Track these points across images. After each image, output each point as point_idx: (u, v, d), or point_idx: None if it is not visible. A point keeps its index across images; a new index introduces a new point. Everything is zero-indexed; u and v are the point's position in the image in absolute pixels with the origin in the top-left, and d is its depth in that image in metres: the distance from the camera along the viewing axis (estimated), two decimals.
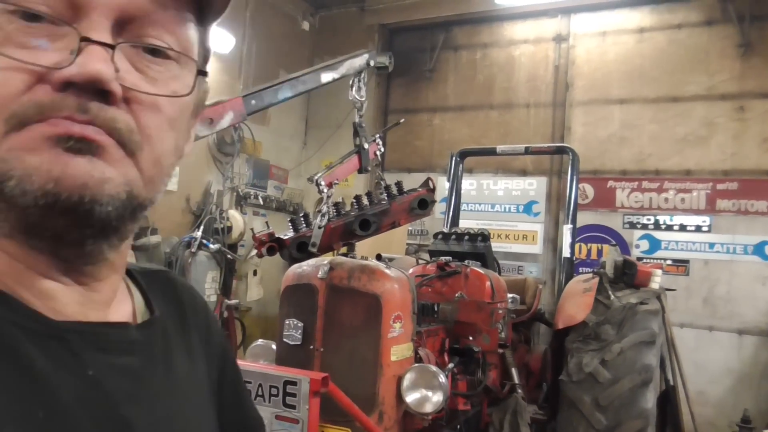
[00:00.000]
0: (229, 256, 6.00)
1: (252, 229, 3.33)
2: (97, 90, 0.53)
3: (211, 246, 5.75)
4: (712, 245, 6.64)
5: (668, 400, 4.66)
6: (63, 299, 0.60)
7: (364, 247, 4.36)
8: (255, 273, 7.13)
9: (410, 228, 7.79)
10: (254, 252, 3.22)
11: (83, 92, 0.53)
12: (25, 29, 0.53)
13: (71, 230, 0.56)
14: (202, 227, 5.92)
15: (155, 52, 0.59)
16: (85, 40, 0.54)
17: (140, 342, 0.67)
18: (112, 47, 0.55)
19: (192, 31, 0.64)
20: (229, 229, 6.33)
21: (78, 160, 0.53)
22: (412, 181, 4.16)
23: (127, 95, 0.56)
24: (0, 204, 0.54)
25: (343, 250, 3.31)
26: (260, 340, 3.26)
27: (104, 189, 0.55)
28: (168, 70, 0.60)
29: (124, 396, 0.61)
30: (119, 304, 0.68)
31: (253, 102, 2.85)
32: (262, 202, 7.75)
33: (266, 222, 3.45)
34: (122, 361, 0.63)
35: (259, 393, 2.26)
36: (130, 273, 0.74)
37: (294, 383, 2.24)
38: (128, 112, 0.57)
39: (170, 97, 0.60)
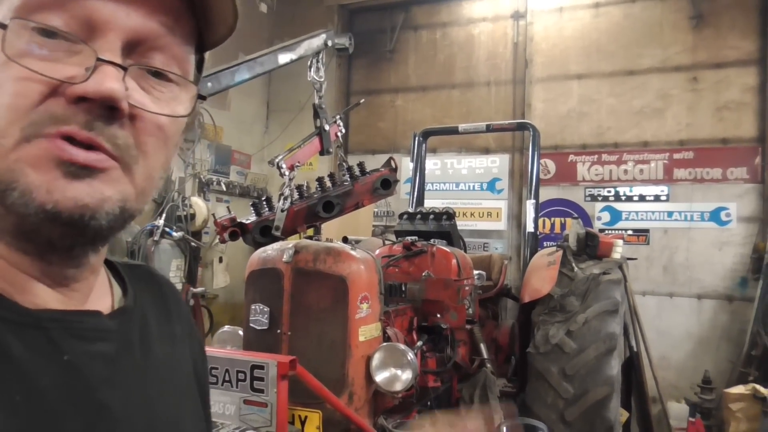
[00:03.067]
0: (193, 243, 5.90)
1: (213, 215, 3.29)
2: (106, 106, 0.58)
3: (175, 234, 5.63)
4: (670, 214, 6.81)
5: (632, 366, 4.80)
6: (43, 295, 0.63)
7: (331, 229, 4.35)
8: (221, 260, 7.04)
9: (376, 209, 7.79)
10: (218, 238, 3.18)
11: (93, 107, 0.57)
12: (42, 43, 0.57)
13: (65, 238, 0.60)
14: (164, 215, 5.80)
15: (158, 74, 0.64)
16: (100, 60, 0.58)
17: (114, 330, 0.69)
18: (125, 69, 0.59)
19: (192, 57, 0.69)
20: (193, 216, 6.22)
21: (76, 185, 0.57)
22: (377, 162, 4.14)
23: (133, 112, 0.60)
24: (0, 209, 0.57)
25: (310, 232, 3.29)
26: (227, 326, 3.24)
27: (103, 207, 0.59)
28: (170, 92, 0.65)
29: (100, 380, 0.63)
30: (98, 295, 0.71)
31: (210, 84, 2.79)
32: (225, 188, 7.65)
33: (228, 207, 3.40)
34: (97, 348, 0.65)
35: (227, 378, 2.24)
36: (113, 266, 0.77)
37: (261, 367, 2.23)
38: (130, 128, 0.61)
39: (170, 117, 0.64)
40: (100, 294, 0.71)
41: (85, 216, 0.58)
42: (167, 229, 5.59)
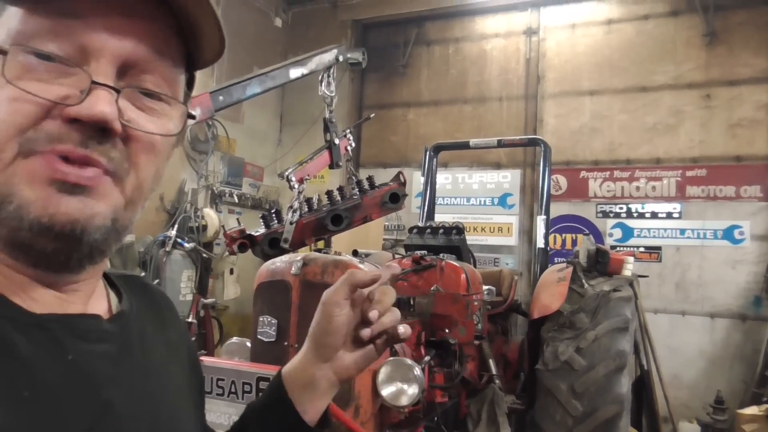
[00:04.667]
0: (204, 254, 5.94)
1: (223, 227, 3.31)
2: (98, 128, 0.61)
3: (186, 245, 5.68)
4: (683, 231, 6.76)
5: (643, 384, 4.74)
6: (44, 299, 0.65)
7: (341, 243, 4.35)
8: (231, 271, 7.07)
9: (386, 223, 7.80)
10: (228, 250, 3.20)
11: (86, 128, 0.61)
12: (38, 66, 0.61)
13: (59, 254, 0.62)
14: (176, 226, 5.85)
15: (150, 94, 0.68)
16: (95, 83, 0.61)
17: (114, 332, 0.71)
18: (118, 91, 0.63)
19: (182, 77, 0.73)
20: (204, 227, 6.27)
21: (70, 200, 0.60)
22: (388, 176, 4.14)
23: (126, 131, 0.64)
24: None
25: (320, 245, 3.29)
26: (235, 337, 3.24)
27: (94, 222, 0.62)
28: (161, 111, 0.69)
29: (104, 378, 0.65)
30: (96, 301, 0.73)
31: (221, 98, 2.83)
32: (237, 200, 7.70)
33: (237, 219, 3.42)
34: (100, 348, 0.68)
35: (232, 390, 2.25)
36: (107, 276, 0.79)
37: (268, 379, 2.23)
38: (123, 144, 0.64)
39: (162, 135, 0.68)
40: (98, 300, 0.74)
41: (76, 230, 0.61)
42: (179, 240, 5.64)
